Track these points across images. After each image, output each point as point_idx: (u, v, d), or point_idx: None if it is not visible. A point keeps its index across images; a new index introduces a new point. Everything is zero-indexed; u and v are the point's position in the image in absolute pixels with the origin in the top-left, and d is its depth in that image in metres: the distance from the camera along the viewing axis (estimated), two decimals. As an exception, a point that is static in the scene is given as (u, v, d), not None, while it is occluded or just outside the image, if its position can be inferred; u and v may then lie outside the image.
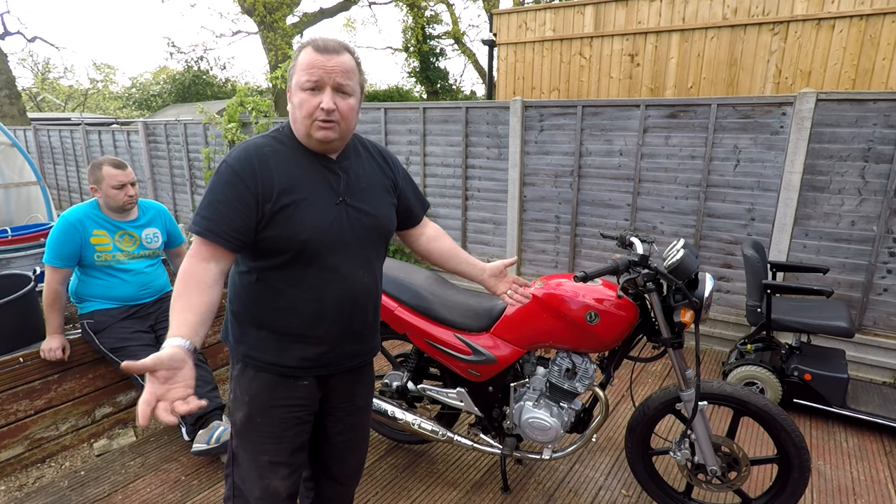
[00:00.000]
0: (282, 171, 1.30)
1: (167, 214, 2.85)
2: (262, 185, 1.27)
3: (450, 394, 2.25)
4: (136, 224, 2.67)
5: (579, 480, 2.43)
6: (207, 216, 1.26)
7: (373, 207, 1.43)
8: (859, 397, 2.96)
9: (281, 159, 1.32)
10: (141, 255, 2.69)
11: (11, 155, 5.51)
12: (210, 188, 1.29)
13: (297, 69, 1.29)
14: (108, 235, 2.57)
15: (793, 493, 1.92)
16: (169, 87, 19.81)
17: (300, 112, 1.29)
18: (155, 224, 2.74)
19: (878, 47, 5.00)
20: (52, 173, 9.47)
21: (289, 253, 1.31)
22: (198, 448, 2.43)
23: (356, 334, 1.47)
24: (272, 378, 1.41)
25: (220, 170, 1.29)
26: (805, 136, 3.32)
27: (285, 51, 11.15)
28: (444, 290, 2.25)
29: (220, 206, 1.26)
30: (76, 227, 2.48)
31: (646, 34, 6.08)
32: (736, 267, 3.76)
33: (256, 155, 1.29)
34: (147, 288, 2.71)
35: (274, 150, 1.32)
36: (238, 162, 1.28)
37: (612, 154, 4.07)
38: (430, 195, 5.03)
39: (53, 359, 2.49)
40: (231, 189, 1.26)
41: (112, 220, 2.60)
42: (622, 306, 1.91)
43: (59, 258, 2.46)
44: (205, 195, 1.29)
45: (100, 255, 2.55)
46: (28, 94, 24.26)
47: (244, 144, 1.32)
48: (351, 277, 1.39)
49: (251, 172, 1.27)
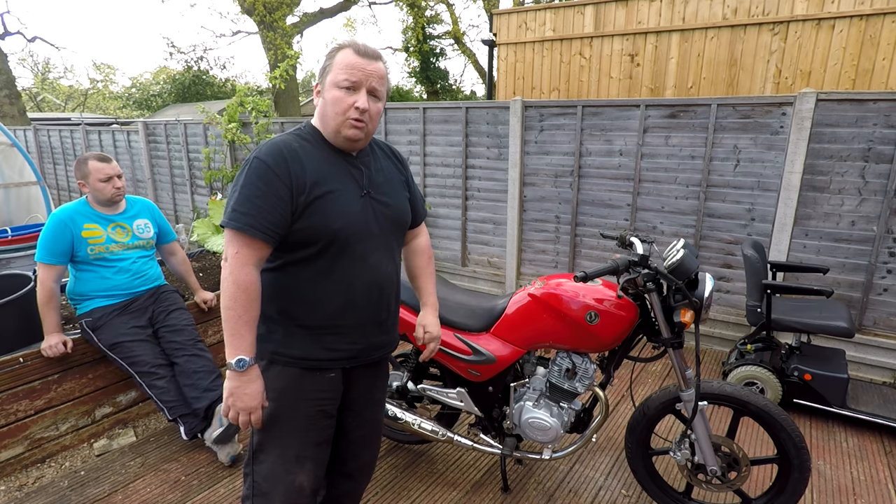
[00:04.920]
0: (312, 165, 1.34)
1: (154, 208, 2.90)
2: (296, 177, 1.30)
3: (450, 394, 2.25)
4: (126, 216, 2.72)
5: (579, 480, 2.43)
6: (245, 211, 1.27)
7: (393, 199, 1.50)
8: (859, 397, 2.96)
9: (309, 154, 1.35)
10: (135, 245, 2.73)
11: (11, 155, 5.51)
12: (243, 184, 1.29)
13: (335, 68, 1.33)
14: (100, 228, 2.60)
15: (793, 493, 1.92)
16: (169, 87, 19.81)
17: (334, 108, 1.34)
18: (143, 216, 2.80)
19: (878, 47, 5.00)
20: (52, 173, 9.46)
21: (320, 243, 1.34)
22: (213, 434, 2.50)
23: (381, 323, 1.51)
24: (299, 372, 1.42)
25: (252, 165, 1.29)
26: (805, 136, 3.32)
27: (285, 50, 11.15)
28: (444, 290, 2.25)
29: (257, 200, 1.27)
30: (66, 223, 2.51)
31: (646, 34, 6.08)
32: (736, 267, 3.76)
33: (286, 149, 1.32)
34: (141, 276, 2.73)
35: (301, 145, 1.36)
36: (270, 156, 1.29)
37: (612, 154, 4.07)
38: (430, 195, 5.03)
39: (56, 354, 2.49)
40: (265, 183, 1.27)
41: (102, 214, 2.64)
42: (622, 306, 1.91)
43: (51, 255, 2.48)
44: (236, 191, 1.30)
45: (93, 248, 2.57)
46: (28, 94, 24.27)
47: (271, 141, 1.34)
48: (377, 266, 1.45)
49: (284, 166, 1.29)
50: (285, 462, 1.43)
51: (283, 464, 1.44)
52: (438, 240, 5.09)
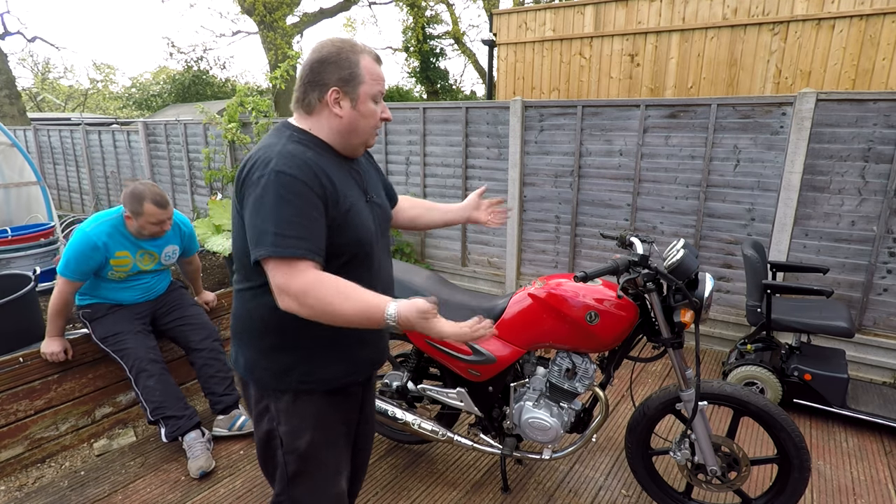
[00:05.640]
0: (334, 176, 1.25)
1: (187, 226, 2.80)
2: (326, 189, 1.21)
3: (450, 394, 2.25)
4: (157, 243, 2.63)
5: (579, 480, 2.43)
6: (298, 234, 1.14)
7: (381, 199, 1.48)
8: (859, 397, 2.96)
9: (325, 164, 1.25)
10: (156, 270, 2.70)
11: (11, 155, 5.51)
12: (276, 203, 1.14)
13: (367, 78, 1.27)
14: (129, 255, 2.54)
15: (793, 494, 1.92)
16: (169, 87, 19.79)
17: (368, 122, 1.30)
18: (174, 241, 2.72)
19: (878, 47, 5.00)
20: (52, 173, 9.46)
21: (345, 256, 1.28)
22: (217, 432, 2.63)
23: None
24: (328, 395, 1.39)
25: (279, 181, 1.15)
26: (805, 136, 3.32)
27: (285, 51, 11.15)
28: (444, 290, 2.25)
29: (303, 219, 1.16)
30: (99, 248, 2.43)
31: (646, 34, 6.08)
32: (736, 267, 3.76)
33: (308, 161, 1.21)
34: (149, 293, 2.72)
35: (315, 154, 1.25)
36: (299, 170, 1.18)
37: (612, 154, 4.07)
38: (430, 195, 5.03)
39: (55, 361, 2.50)
40: (302, 199, 1.16)
41: (135, 240, 2.55)
42: (622, 306, 1.91)
43: (76, 273, 2.42)
44: (268, 211, 1.15)
45: (115, 272, 2.54)
46: (28, 94, 24.26)
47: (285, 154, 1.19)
48: (385, 269, 1.45)
49: (314, 178, 1.19)
50: (326, 478, 1.42)
51: (325, 479, 1.42)
52: (438, 240, 5.09)
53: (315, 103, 1.28)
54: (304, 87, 1.28)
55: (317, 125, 1.31)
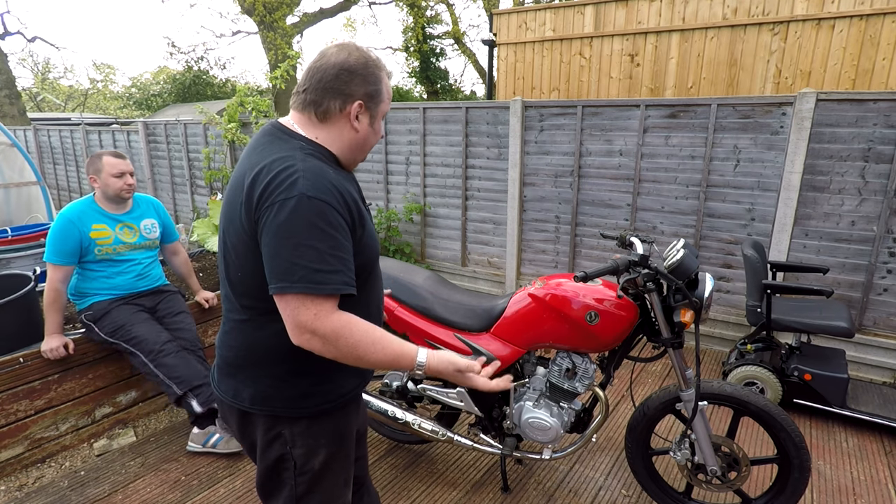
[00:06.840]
0: (353, 194, 1.19)
1: (160, 206, 2.91)
2: (352, 212, 1.15)
3: (450, 394, 2.25)
4: (133, 215, 2.72)
5: (579, 480, 2.43)
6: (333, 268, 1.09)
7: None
8: (859, 397, 2.96)
9: (342, 182, 1.17)
10: (142, 245, 2.74)
11: (11, 155, 5.51)
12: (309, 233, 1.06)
13: (385, 97, 1.26)
14: (108, 228, 2.61)
15: (793, 493, 1.92)
16: (169, 87, 19.79)
17: (374, 140, 1.30)
18: (150, 215, 2.80)
19: (878, 47, 5.00)
20: (52, 173, 9.46)
21: (363, 277, 1.24)
22: (192, 448, 2.61)
23: None
24: (342, 411, 1.36)
25: (313, 208, 1.07)
26: (805, 136, 3.32)
27: (285, 51, 11.15)
28: (444, 290, 2.25)
29: (337, 251, 1.10)
30: (74, 223, 2.50)
31: (646, 34, 6.08)
32: (736, 267, 3.76)
33: (333, 181, 1.13)
34: (144, 277, 2.74)
35: (333, 171, 1.17)
36: (329, 194, 1.10)
37: (612, 154, 4.07)
38: (430, 195, 5.03)
39: (57, 357, 2.49)
40: (335, 229, 1.09)
41: (110, 214, 2.63)
42: (622, 306, 1.91)
43: (59, 255, 2.47)
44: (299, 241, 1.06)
45: (101, 248, 2.58)
46: (28, 94, 24.26)
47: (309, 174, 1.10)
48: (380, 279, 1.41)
49: (342, 202, 1.12)
50: (335, 488, 1.40)
51: (334, 490, 1.40)
52: (438, 240, 5.09)
53: (334, 112, 1.20)
54: (324, 91, 1.18)
55: (328, 136, 1.22)
